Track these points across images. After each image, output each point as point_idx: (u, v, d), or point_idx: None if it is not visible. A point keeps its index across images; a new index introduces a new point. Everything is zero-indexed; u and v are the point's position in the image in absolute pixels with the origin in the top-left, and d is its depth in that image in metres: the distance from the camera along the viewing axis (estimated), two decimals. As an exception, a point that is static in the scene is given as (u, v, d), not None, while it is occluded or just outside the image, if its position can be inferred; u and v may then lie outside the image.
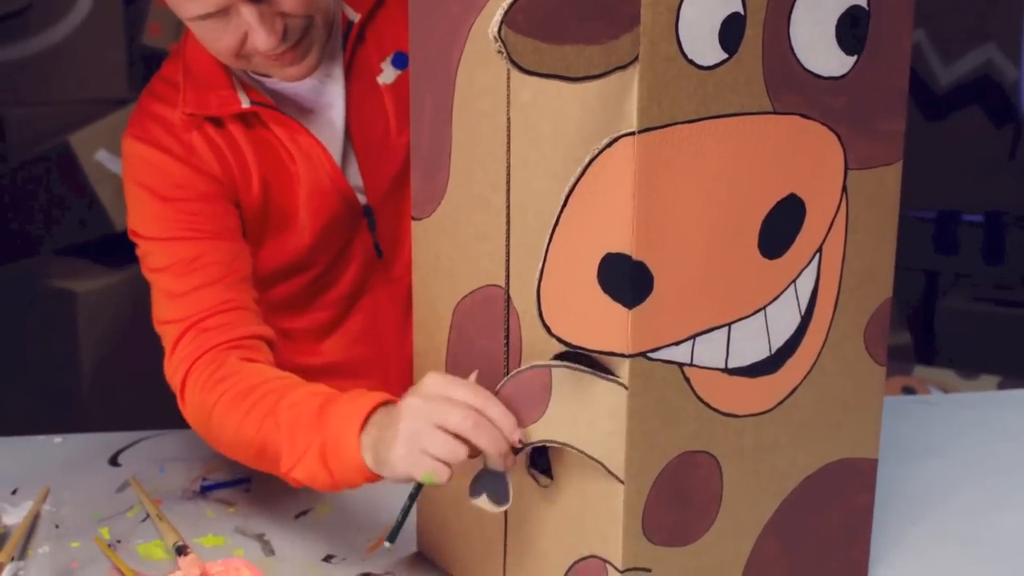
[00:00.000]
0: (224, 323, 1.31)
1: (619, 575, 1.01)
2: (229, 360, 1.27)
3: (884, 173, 1.09)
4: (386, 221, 1.46)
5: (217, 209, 1.36)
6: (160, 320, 1.34)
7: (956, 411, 1.67)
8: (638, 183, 0.92)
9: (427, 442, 1.04)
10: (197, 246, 1.33)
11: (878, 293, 1.13)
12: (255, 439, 1.19)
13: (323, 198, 1.40)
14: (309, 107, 1.40)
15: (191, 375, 1.28)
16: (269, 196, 1.40)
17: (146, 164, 1.36)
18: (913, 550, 1.28)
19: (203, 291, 1.32)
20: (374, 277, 1.50)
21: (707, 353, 1.01)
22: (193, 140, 1.36)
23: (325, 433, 1.12)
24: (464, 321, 1.13)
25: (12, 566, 1.24)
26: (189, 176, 1.35)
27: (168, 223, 1.35)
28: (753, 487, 1.08)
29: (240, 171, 1.38)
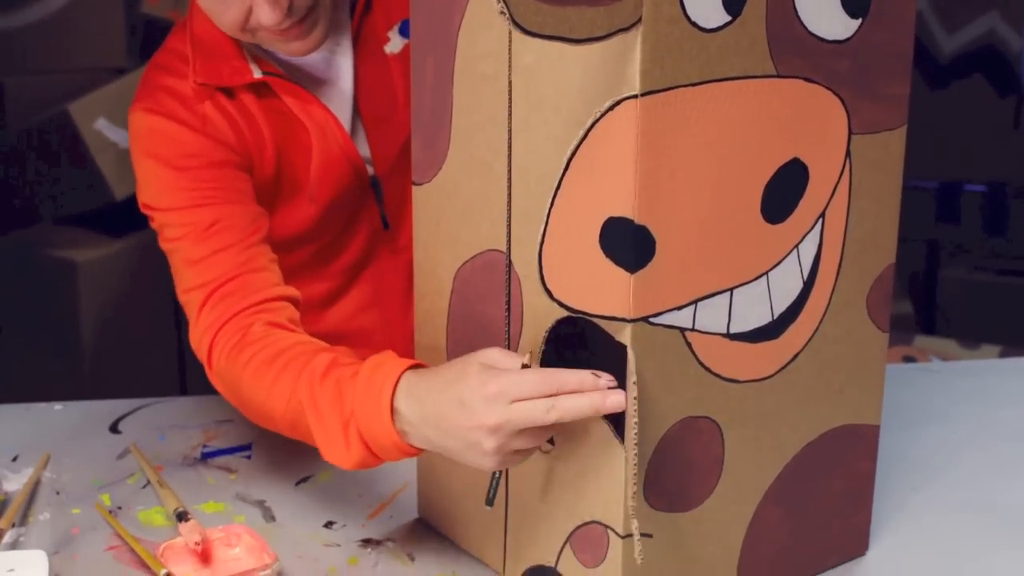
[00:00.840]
0: (245, 286, 1.28)
1: (620, 541, 1.01)
2: (254, 327, 1.25)
3: (888, 138, 1.08)
4: (393, 192, 1.45)
5: (232, 175, 1.35)
6: (183, 289, 1.32)
7: (957, 379, 1.67)
8: (640, 146, 0.92)
9: (514, 444, 1.00)
10: (213, 211, 1.32)
11: (881, 259, 1.12)
12: (285, 413, 1.16)
13: (334, 168, 1.40)
14: (319, 77, 1.39)
15: (217, 343, 1.26)
16: (282, 166, 1.39)
17: (158, 135, 1.34)
18: (915, 517, 1.28)
19: (221, 254, 1.30)
20: (379, 247, 1.49)
21: (709, 318, 1.01)
22: (206, 110, 1.34)
23: (357, 422, 1.08)
24: (465, 287, 1.12)
25: (13, 532, 1.24)
26: (203, 144, 1.34)
27: (183, 192, 1.33)
28: (755, 453, 1.08)
29: (255, 140, 1.37)
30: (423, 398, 1.04)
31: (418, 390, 1.05)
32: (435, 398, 1.03)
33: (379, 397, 1.06)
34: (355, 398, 1.08)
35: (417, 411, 1.04)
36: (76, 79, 2.81)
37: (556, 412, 0.97)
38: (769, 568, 1.13)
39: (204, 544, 1.16)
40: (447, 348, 1.16)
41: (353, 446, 1.09)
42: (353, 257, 1.49)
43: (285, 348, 1.20)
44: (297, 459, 1.40)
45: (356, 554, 1.21)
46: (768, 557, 1.12)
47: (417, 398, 1.05)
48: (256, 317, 1.26)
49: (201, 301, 1.28)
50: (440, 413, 1.02)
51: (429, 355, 1.18)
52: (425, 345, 1.19)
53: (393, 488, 1.33)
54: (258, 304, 1.28)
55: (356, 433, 1.08)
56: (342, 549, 1.21)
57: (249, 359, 1.22)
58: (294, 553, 1.21)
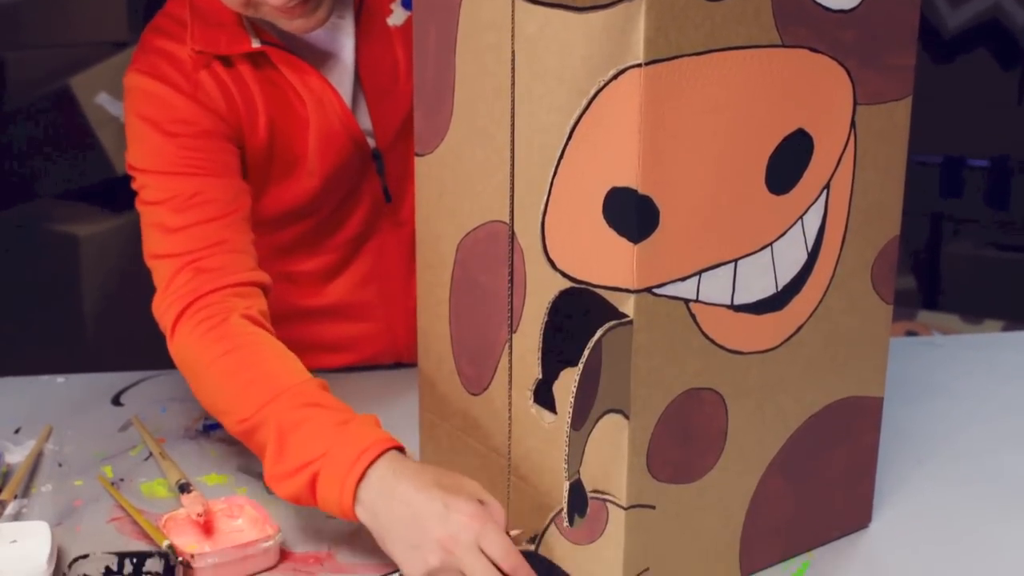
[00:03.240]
0: (223, 265, 1.28)
1: (622, 512, 1.01)
2: (231, 317, 1.24)
3: (893, 108, 1.08)
4: (395, 165, 1.45)
5: (220, 147, 1.34)
6: (153, 254, 1.31)
7: (961, 352, 1.67)
8: (644, 116, 0.91)
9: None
10: (197, 182, 1.31)
11: (886, 230, 1.12)
12: (246, 423, 1.17)
13: (333, 141, 1.39)
14: (320, 49, 1.39)
15: (186, 316, 1.25)
16: (276, 138, 1.38)
17: (151, 97, 1.33)
18: (918, 490, 1.28)
19: (201, 227, 1.29)
20: (381, 221, 1.49)
21: (713, 289, 1.00)
22: (200, 78, 1.34)
23: (320, 466, 1.09)
24: (467, 258, 1.12)
25: (15, 504, 1.24)
26: (194, 112, 1.33)
27: (169, 157, 1.32)
28: (758, 425, 1.08)
29: (247, 111, 1.36)
30: (392, 491, 1.07)
31: (397, 482, 1.07)
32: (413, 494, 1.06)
33: (355, 463, 1.08)
34: (331, 451, 1.10)
35: (381, 494, 1.07)
36: (77, 53, 2.81)
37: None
38: (772, 540, 1.13)
39: (206, 516, 1.16)
40: (449, 319, 1.16)
41: (299, 486, 1.11)
42: (354, 230, 1.48)
43: (262, 359, 1.21)
44: (299, 431, 1.40)
45: (359, 526, 1.20)
46: (771, 529, 1.12)
47: (387, 489, 1.07)
48: (232, 301, 1.26)
49: (175, 270, 1.28)
50: (401, 523, 1.06)
51: (431, 326, 1.18)
52: (427, 317, 1.19)
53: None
54: (233, 286, 1.27)
55: (311, 478, 1.10)
56: (344, 521, 1.21)
57: (221, 355, 1.21)
58: (296, 525, 1.21)
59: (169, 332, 1.27)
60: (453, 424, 1.19)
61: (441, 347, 1.18)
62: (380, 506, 1.07)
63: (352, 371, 1.55)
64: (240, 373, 1.20)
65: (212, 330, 1.23)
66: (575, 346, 1.00)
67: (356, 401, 1.18)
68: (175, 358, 1.27)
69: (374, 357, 1.58)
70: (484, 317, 1.10)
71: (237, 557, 1.11)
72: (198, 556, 1.10)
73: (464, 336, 1.15)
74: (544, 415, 1.06)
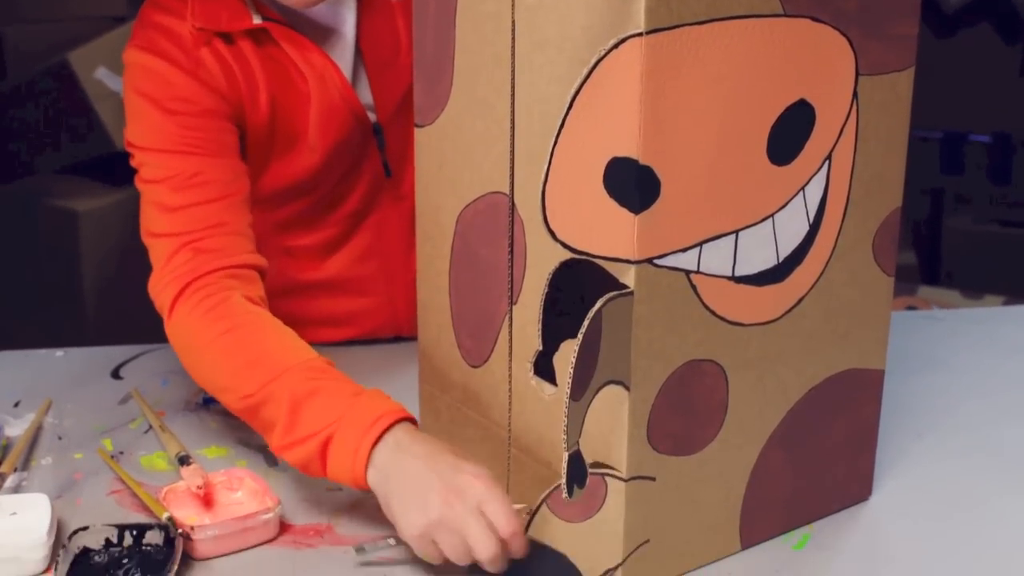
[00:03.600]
0: (222, 246, 1.28)
1: (623, 484, 1.01)
2: (232, 297, 1.24)
3: (896, 79, 1.07)
4: (395, 139, 1.44)
5: (220, 126, 1.34)
6: (151, 232, 1.31)
7: (962, 326, 1.67)
8: (645, 86, 0.91)
9: (445, 544, 1.04)
10: (197, 162, 1.30)
11: (887, 202, 1.11)
12: (250, 399, 1.17)
13: (334, 117, 1.38)
14: (321, 24, 1.38)
15: (185, 295, 1.25)
16: (277, 115, 1.37)
17: (151, 74, 1.33)
18: (918, 463, 1.28)
19: (201, 208, 1.29)
20: (382, 195, 1.48)
21: (714, 260, 1.00)
22: (202, 55, 1.33)
23: (334, 431, 1.10)
24: (467, 229, 1.11)
25: (15, 477, 1.24)
26: (195, 90, 1.32)
27: (169, 136, 1.31)
28: (759, 397, 1.07)
29: (248, 89, 1.35)
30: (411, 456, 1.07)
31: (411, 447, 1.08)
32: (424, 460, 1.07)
33: (369, 430, 1.09)
34: (345, 417, 1.10)
35: (393, 460, 1.08)
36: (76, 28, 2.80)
37: (489, 558, 1.03)
38: (772, 512, 1.13)
39: (206, 488, 1.16)
40: (449, 292, 1.15)
41: (310, 451, 1.11)
42: (355, 205, 1.48)
43: (264, 338, 1.21)
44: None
45: (359, 498, 1.20)
46: (771, 501, 1.12)
47: (401, 452, 1.08)
48: (230, 283, 1.25)
49: (173, 249, 1.27)
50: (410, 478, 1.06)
51: (431, 299, 1.18)
52: (426, 289, 1.19)
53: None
54: (232, 267, 1.27)
55: (323, 443, 1.10)
56: (344, 493, 1.21)
57: (221, 333, 1.21)
58: (296, 497, 1.21)
59: (167, 311, 1.26)
60: (453, 397, 1.18)
61: (441, 320, 1.17)
62: (392, 467, 1.07)
63: (352, 345, 1.54)
64: (243, 351, 1.20)
65: (212, 309, 1.23)
66: (575, 318, 1.00)
67: (356, 374, 1.17)
68: (172, 337, 1.27)
69: (374, 331, 1.58)
70: (484, 289, 1.10)
71: (237, 529, 1.11)
72: (198, 528, 1.10)
73: (464, 308, 1.14)
74: (544, 387, 1.06)
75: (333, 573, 1.09)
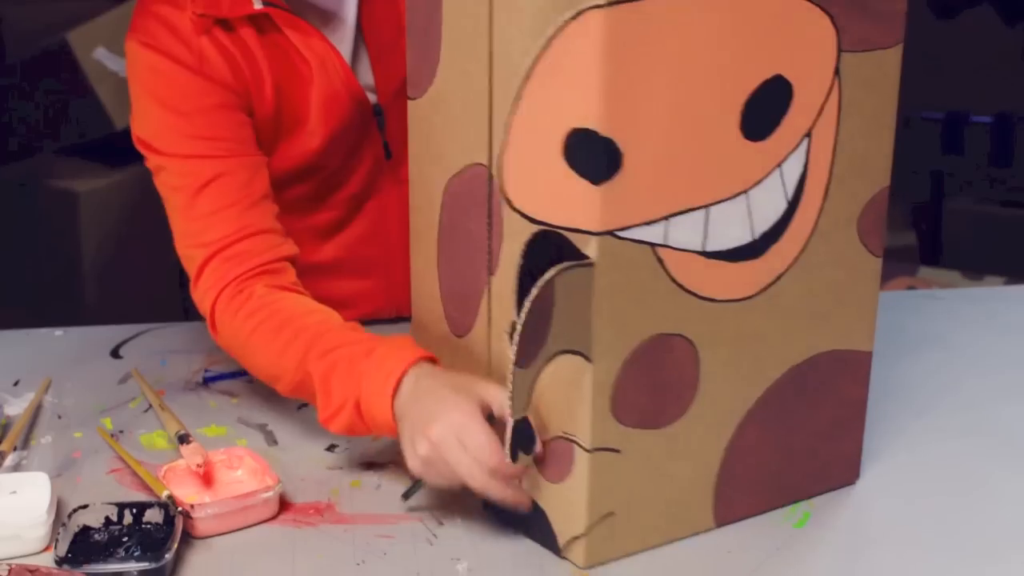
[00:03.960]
0: (247, 249, 1.28)
1: (586, 455, 1.01)
2: (256, 290, 1.25)
3: (882, 56, 1.06)
4: (395, 121, 1.44)
5: (232, 120, 1.33)
6: (183, 244, 1.31)
7: (962, 305, 1.66)
8: (606, 57, 0.90)
9: (441, 477, 1.08)
10: (213, 165, 1.30)
11: (874, 182, 1.10)
12: (292, 380, 1.20)
13: (335, 101, 1.38)
14: (321, 7, 1.37)
15: (219, 304, 1.27)
16: (282, 102, 1.37)
17: (156, 74, 1.32)
18: (916, 442, 1.28)
19: (223, 214, 1.29)
20: (382, 178, 1.48)
21: (682, 235, 0.99)
22: (203, 46, 1.32)
23: (359, 392, 1.13)
24: (453, 201, 1.11)
25: (15, 455, 1.24)
26: (202, 87, 1.32)
27: (183, 139, 1.31)
28: (733, 374, 1.06)
29: (253, 77, 1.35)
30: (419, 392, 1.10)
31: (420, 384, 1.11)
32: (425, 395, 1.10)
33: (387, 381, 1.12)
34: (364, 376, 1.13)
35: (409, 399, 1.11)
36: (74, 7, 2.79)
37: (476, 485, 1.05)
38: (751, 491, 1.12)
39: (206, 466, 1.17)
40: (437, 263, 1.16)
41: (349, 417, 1.15)
42: (356, 188, 1.48)
43: (292, 317, 1.23)
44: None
45: (359, 477, 1.21)
46: (749, 480, 1.11)
47: (414, 391, 1.11)
48: (258, 279, 1.27)
49: (202, 261, 1.28)
50: (417, 409, 1.09)
51: (423, 269, 1.18)
52: (419, 260, 1.19)
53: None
54: (260, 266, 1.28)
55: (355, 407, 1.14)
56: (344, 472, 1.22)
57: (256, 326, 1.23)
58: (296, 476, 1.21)
59: (210, 323, 1.29)
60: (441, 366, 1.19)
61: (431, 290, 1.18)
62: (406, 411, 1.10)
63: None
64: (274, 339, 1.22)
65: (241, 309, 1.25)
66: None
67: None
68: (224, 347, 1.29)
69: (375, 313, 1.58)
70: (467, 260, 1.10)
71: (237, 508, 1.12)
72: (198, 506, 1.10)
73: (450, 279, 1.14)
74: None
75: (333, 551, 1.09)
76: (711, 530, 1.11)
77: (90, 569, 1.02)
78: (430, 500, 1.16)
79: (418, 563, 1.07)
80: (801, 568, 1.06)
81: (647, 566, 1.06)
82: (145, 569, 1.03)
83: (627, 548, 1.07)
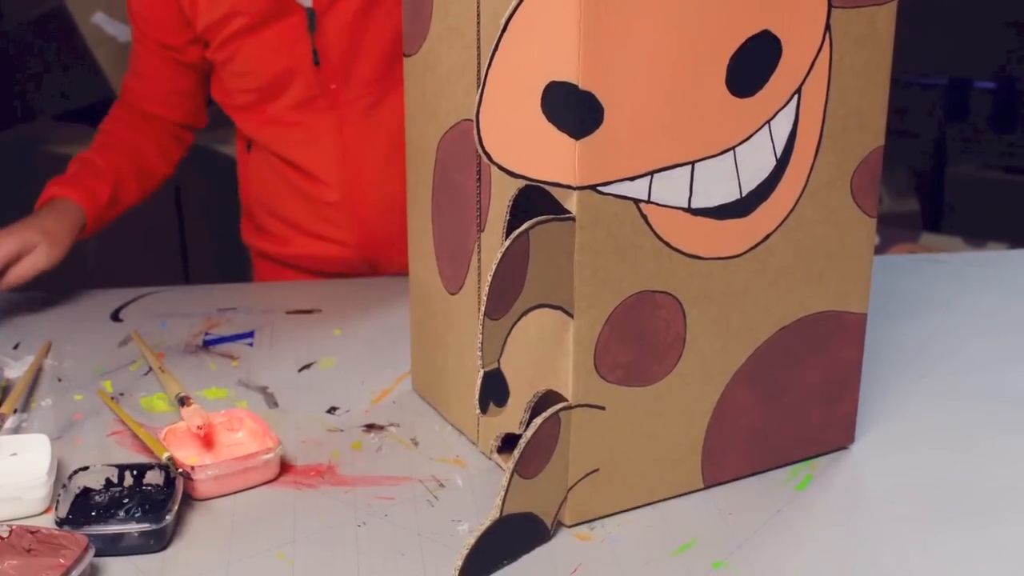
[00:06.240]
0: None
1: (570, 411, 1.00)
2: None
3: (874, 13, 1.04)
4: (330, 29, 1.50)
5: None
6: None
7: (965, 268, 1.66)
8: (584, 8, 0.89)
9: None
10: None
11: (867, 141, 1.08)
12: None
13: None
14: None
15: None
16: None
17: None
18: (919, 403, 1.27)
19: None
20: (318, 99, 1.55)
21: (667, 191, 0.98)
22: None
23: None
24: (445, 157, 1.11)
25: (15, 418, 1.24)
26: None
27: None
28: (721, 332, 1.06)
29: None
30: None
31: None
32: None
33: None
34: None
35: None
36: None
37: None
38: (740, 452, 1.11)
39: (206, 428, 1.16)
40: (432, 219, 1.16)
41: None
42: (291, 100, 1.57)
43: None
44: (299, 346, 1.40)
45: (359, 439, 1.21)
46: (739, 440, 1.10)
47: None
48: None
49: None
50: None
51: (420, 226, 1.19)
52: (416, 218, 1.20)
53: (397, 374, 1.32)
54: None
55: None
56: (345, 434, 1.21)
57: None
58: (297, 438, 1.21)
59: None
60: (436, 322, 1.19)
61: (427, 247, 1.18)
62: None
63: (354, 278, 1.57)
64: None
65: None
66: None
67: (360, 306, 1.32)
68: None
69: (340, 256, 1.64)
70: (459, 216, 1.10)
71: (237, 469, 1.11)
72: (198, 468, 1.10)
73: (443, 236, 1.15)
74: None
75: (334, 513, 1.09)
76: (700, 490, 1.10)
77: (91, 530, 1.02)
78: (431, 463, 1.16)
79: (419, 524, 1.06)
80: (803, 530, 1.06)
81: (649, 527, 1.06)
82: (146, 530, 1.02)
83: (613, 506, 1.06)
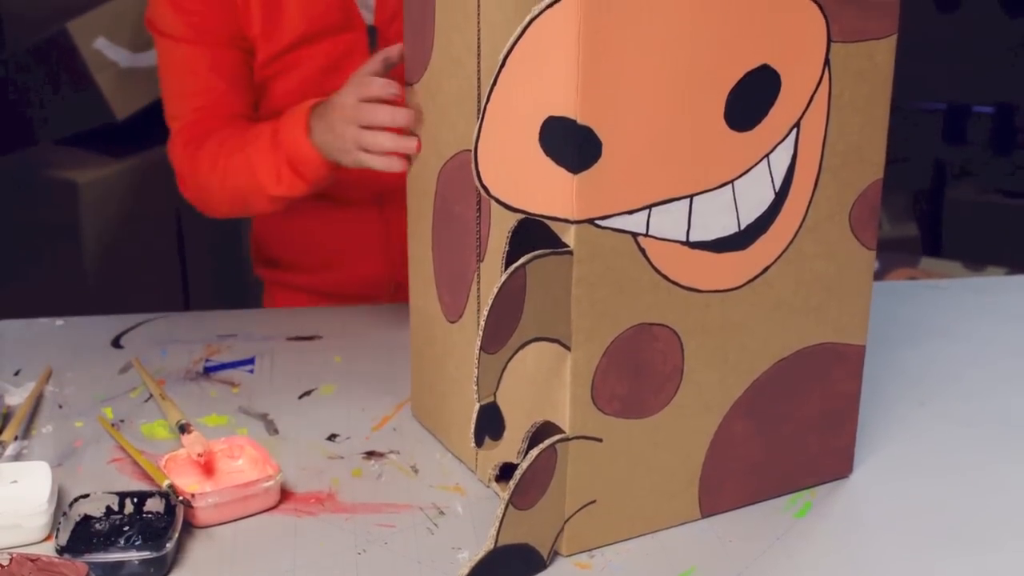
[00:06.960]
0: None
1: (567, 443, 1.00)
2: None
3: (874, 47, 1.05)
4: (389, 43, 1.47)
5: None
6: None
7: (964, 294, 1.66)
8: (583, 44, 0.90)
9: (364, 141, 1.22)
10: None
11: (866, 174, 1.09)
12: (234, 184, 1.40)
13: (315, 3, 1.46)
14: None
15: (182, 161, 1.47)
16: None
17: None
18: (919, 430, 1.28)
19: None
20: None
21: (665, 225, 0.99)
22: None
23: (284, 149, 1.33)
24: (445, 187, 1.12)
25: (16, 445, 1.24)
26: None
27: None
28: (719, 365, 1.06)
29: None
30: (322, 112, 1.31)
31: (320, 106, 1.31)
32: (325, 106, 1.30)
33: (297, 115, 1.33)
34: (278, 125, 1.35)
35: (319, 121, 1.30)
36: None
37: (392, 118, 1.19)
38: (738, 483, 1.11)
39: (207, 455, 1.17)
40: (432, 249, 1.16)
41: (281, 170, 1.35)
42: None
43: (218, 138, 1.43)
44: (300, 373, 1.40)
45: (359, 466, 1.21)
46: (735, 471, 1.11)
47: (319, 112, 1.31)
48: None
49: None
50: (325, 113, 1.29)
51: (421, 255, 1.19)
52: (417, 246, 1.21)
53: (397, 401, 1.32)
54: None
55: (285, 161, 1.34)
56: (345, 461, 1.22)
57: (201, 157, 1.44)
58: (297, 465, 1.21)
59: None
60: (436, 350, 1.19)
61: (427, 275, 1.19)
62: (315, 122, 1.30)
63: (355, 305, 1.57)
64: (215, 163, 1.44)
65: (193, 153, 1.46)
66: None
67: (360, 333, 1.37)
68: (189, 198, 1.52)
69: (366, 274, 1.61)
70: (459, 246, 1.10)
71: (238, 497, 1.12)
72: (199, 496, 1.10)
73: (443, 265, 1.15)
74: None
75: (334, 540, 1.09)
76: (697, 520, 1.11)
77: (91, 558, 1.02)
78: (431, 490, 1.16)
79: (419, 552, 1.07)
80: (802, 557, 1.06)
81: (649, 555, 1.06)
82: (146, 558, 1.03)
83: (610, 536, 1.06)
